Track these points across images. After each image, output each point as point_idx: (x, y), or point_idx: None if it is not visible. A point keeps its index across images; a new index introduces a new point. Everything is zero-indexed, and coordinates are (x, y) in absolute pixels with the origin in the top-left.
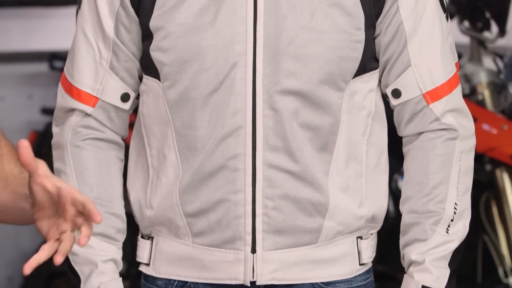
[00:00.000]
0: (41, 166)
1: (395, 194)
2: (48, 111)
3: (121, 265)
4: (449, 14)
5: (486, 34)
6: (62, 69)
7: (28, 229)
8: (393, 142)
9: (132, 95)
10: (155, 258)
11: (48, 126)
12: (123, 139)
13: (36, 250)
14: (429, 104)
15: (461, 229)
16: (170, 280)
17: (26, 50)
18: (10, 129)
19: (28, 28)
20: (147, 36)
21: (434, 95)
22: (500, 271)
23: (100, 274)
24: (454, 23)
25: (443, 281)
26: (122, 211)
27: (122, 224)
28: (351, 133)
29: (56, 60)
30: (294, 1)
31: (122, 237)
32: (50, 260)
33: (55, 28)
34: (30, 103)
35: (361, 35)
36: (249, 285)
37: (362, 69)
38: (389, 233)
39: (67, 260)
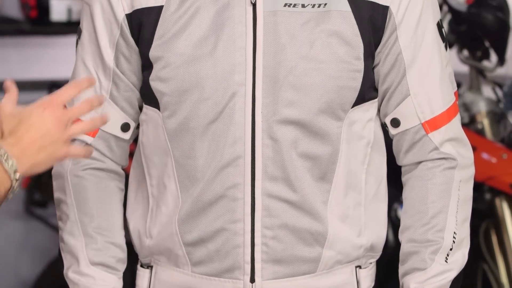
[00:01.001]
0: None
1: (394, 223)
2: None
3: None
4: (449, 43)
5: (486, 63)
6: None
7: (28, 258)
8: (392, 171)
9: (133, 125)
10: (154, 287)
11: None
12: (123, 169)
13: (36, 278)
14: (428, 133)
15: (460, 258)
16: None
17: (25, 79)
18: None
19: (28, 57)
20: (147, 66)
21: (433, 124)
22: None
23: None
24: (453, 52)
25: None
26: (122, 241)
27: (123, 254)
28: (350, 162)
29: (55, 89)
30: (293, 31)
31: (122, 266)
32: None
33: (55, 57)
34: None
35: (360, 65)
36: None
37: (361, 99)
38: (389, 262)
39: None
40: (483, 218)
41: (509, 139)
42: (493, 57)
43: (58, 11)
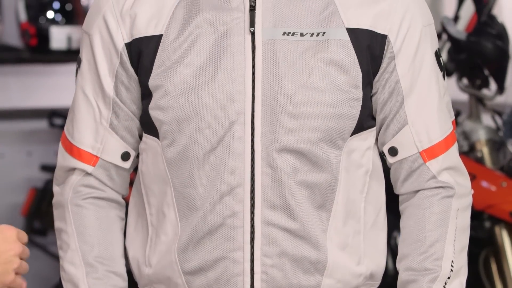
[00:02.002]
0: None
1: (394, 251)
2: (48, 168)
3: None
4: (448, 72)
5: (485, 91)
6: (61, 126)
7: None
8: (392, 199)
9: (133, 153)
10: None
11: (48, 183)
12: (123, 198)
13: None
14: (425, 162)
15: (457, 286)
16: None
17: (25, 107)
18: (9, 185)
19: (28, 85)
20: (146, 95)
21: (430, 153)
22: None
23: None
24: (453, 80)
25: None
26: (123, 270)
27: (123, 283)
28: (349, 191)
29: (55, 117)
30: (291, 60)
31: None
32: None
33: (55, 85)
34: (29, 160)
35: (359, 93)
36: None
37: (360, 127)
38: None
39: None
40: (482, 246)
41: (509, 167)
42: (493, 85)
43: (58, 39)
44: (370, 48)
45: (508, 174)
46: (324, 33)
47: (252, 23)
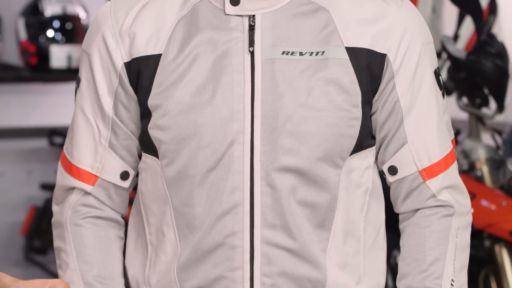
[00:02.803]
0: None
1: (393, 269)
2: (48, 187)
3: None
4: (448, 90)
5: (485, 110)
6: (61, 145)
7: None
8: (392, 217)
9: (132, 173)
10: None
11: (48, 202)
12: (123, 217)
13: None
14: (425, 181)
15: None
16: None
17: (25, 126)
18: (9, 204)
19: (28, 104)
20: (145, 114)
21: (430, 172)
22: None
23: None
24: (452, 99)
25: None
26: None
27: None
28: (348, 210)
29: (55, 136)
30: (291, 79)
31: None
32: None
33: (55, 104)
34: (29, 178)
35: (358, 112)
36: None
37: (359, 146)
38: None
39: None
40: (482, 265)
41: (509, 186)
42: (492, 104)
43: (58, 58)
44: (369, 67)
45: (508, 193)
46: (323, 52)
47: (251, 43)
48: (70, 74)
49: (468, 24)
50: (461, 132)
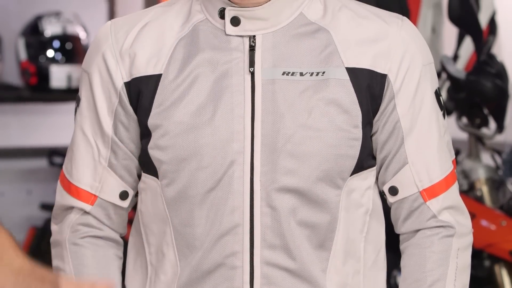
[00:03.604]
0: None
1: None
2: (47, 207)
3: None
4: (448, 110)
5: (484, 130)
6: (61, 165)
7: None
8: (392, 237)
9: (131, 193)
10: None
11: (47, 222)
12: (122, 237)
13: None
14: (426, 202)
15: None
16: None
17: (25, 146)
18: (9, 224)
19: (28, 124)
20: (145, 134)
21: (431, 192)
22: None
23: None
24: (452, 119)
25: None
26: None
27: None
28: (348, 230)
29: (55, 156)
30: (291, 100)
31: None
32: None
33: (54, 124)
34: (29, 198)
35: (359, 133)
36: None
37: (360, 167)
38: None
39: None
40: (482, 285)
41: (508, 206)
42: (492, 124)
43: (58, 78)
44: (369, 87)
45: (507, 213)
46: (323, 72)
47: (251, 63)
48: (70, 94)
49: (468, 44)
50: (460, 152)
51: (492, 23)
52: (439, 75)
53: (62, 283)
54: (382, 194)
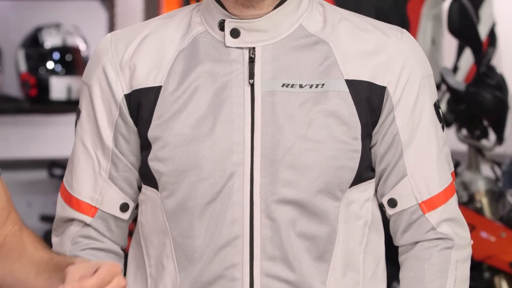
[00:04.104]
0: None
1: None
2: (47, 219)
3: None
4: (447, 122)
5: (484, 142)
6: (61, 177)
7: None
8: (391, 249)
9: (131, 205)
10: None
11: (47, 234)
12: (122, 249)
13: None
14: (425, 214)
15: None
16: None
17: (25, 157)
18: None
19: (28, 135)
20: (145, 146)
21: (430, 204)
22: None
23: None
24: (452, 131)
25: None
26: None
27: None
28: (348, 242)
29: (55, 167)
30: (291, 111)
31: None
32: None
33: (54, 135)
34: (29, 210)
35: (358, 145)
36: None
37: (359, 179)
38: None
39: None
40: None
41: (508, 217)
42: (492, 136)
43: (57, 90)
44: (369, 99)
45: (507, 225)
46: (323, 84)
47: (251, 75)
48: (70, 105)
49: (468, 56)
50: (460, 164)
51: (492, 35)
52: (438, 86)
53: (68, 271)
54: (381, 207)
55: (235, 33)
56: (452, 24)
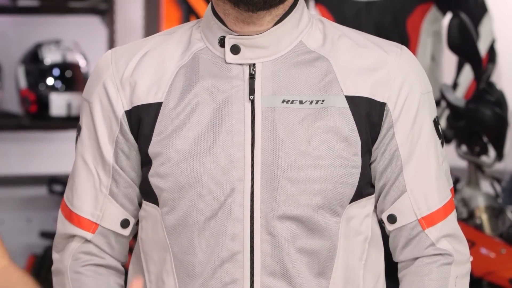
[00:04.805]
0: None
1: None
2: (47, 235)
3: None
4: (447, 138)
5: (484, 158)
6: (61, 193)
7: None
8: (391, 265)
9: (132, 221)
10: None
11: (47, 250)
12: (123, 265)
13: None
14: (424, 230)
15: None
16: None
17: (25, 173)
18: (9, 252)
19: (27, 152)
20: (146, 162)
21: (429, 220)
22: None
23: None
24: (451, 147)
25: None
26: None
27: None
28: (348, 258)
29: (55, 184)
30: (291, 127)
31: None
32: None
33: (54, 152)
34: (29, 226)
35: (358, 161)
36: None
37: (359, 194)
38: None
39: None
40: None
41: (508, 234)
42: (492, 152)
43: (57, 106)
44: (369, 115)
45: (507, 241)
46: (323, 101)
47: (251, 91)
48: (70, 122)
49: (467, 73)
50: (460, 180)
51: (492, 51)
52: (438, 103)
53: None
54: (380, 223)
55: (235, 50)
56: (451, 41)
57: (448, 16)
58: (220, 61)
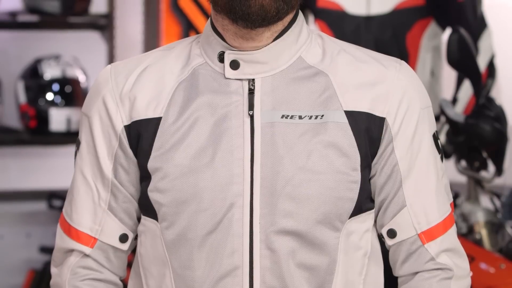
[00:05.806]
0: None
1: None
2: (47, 250)
3: None
4: (446, 154)
5: (483, 173)
6: (60, 208)
7: None
8: (391, 280)
9: (131, 236)
10: None
11: (46, 265)
12: (121, 279)
13: None
14: (424, 244)
15: None
16: None
17: (24, 188)
18: (8, 267)
19: (27, 167)
20: (145, 177)
21: (429, 235)
22: None
23: None
24: (451, 162)
25: None
26: None
27: None
28: (347, 273)
29: (54, 199)
30: (290, 142)
31: None
32: None
33: (54, 167)
34: (28, 241)
35: (357, 176)
36: None
37: (358, 209)
38: None
39: None
40: None
41: (508, 249)
42: (491, 167)
43: (57, 121)
44: (368, 130)
45: (507, 256)
46: (322, 116)
47: (251, 106)
48: (69, 137)
49: (467, 88)
50: (459, 195)
51: (491, 67)
52: (438, 118)
53: None
54: (380, 238)
55: (234, 65)
56: (451, 56)
57: (448, 31)
58: (219, 76)
